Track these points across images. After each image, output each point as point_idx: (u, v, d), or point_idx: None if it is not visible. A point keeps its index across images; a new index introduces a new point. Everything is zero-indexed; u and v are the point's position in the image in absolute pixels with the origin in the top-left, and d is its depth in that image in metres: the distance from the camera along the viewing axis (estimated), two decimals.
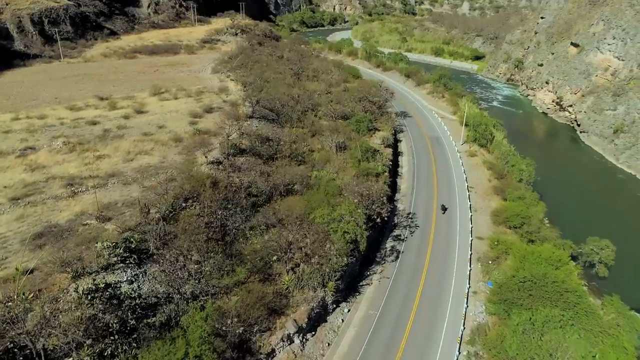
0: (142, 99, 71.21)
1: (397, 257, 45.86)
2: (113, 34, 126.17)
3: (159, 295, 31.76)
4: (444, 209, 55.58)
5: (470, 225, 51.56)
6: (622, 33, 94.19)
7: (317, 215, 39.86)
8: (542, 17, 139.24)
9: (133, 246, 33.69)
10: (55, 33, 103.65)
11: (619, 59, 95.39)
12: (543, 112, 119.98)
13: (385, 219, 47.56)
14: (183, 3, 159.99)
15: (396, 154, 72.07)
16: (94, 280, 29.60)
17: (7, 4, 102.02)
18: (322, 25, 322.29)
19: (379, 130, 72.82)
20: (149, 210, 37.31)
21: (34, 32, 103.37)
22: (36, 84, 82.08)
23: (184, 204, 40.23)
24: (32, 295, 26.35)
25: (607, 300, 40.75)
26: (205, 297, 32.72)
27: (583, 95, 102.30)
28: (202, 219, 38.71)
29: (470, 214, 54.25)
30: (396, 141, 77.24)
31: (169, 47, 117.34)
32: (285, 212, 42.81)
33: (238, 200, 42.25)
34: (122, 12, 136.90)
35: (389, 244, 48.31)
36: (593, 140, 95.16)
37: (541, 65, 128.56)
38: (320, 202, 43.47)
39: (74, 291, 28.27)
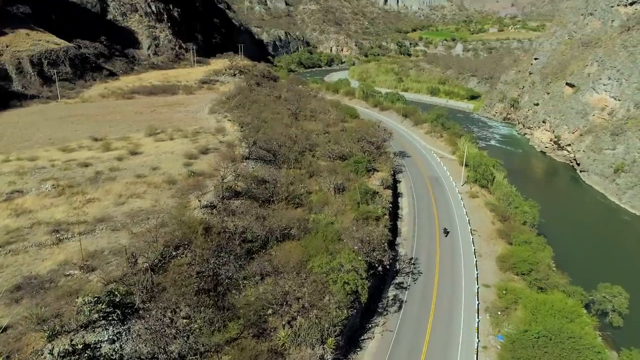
0: (137, 140, 70.07)
1: (400, 307, 43.26)
2: (112, 74, 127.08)
3: (142, 357, 29.09)
4: (446, 232, 55.28)
5: (476, 272, 49.26)
6: (617, 74, 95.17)
7: (316, 265, 37.65)
8: (535, 58, 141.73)
9: (117, 300, 31.25)
10: (54, 74, 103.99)
11: (615, 99, 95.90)
12: (541, 151, 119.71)
13: (387, 266, 45.30)
14: (183, 45, 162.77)
15: (396, 195, 70.50)
16: (72, 340, 27.05)
17: (7, 46, 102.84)
18: (320, 66, 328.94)
19: (378, 171, 71.54)
20: (136, 259, 35.09)
21: (33, 73, 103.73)
22: (31, 124, 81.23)
23: (174, 253, 38.04)
24: (2, 358, 23.88)
25: (625, 354, 38.03)
26: (194, 357, 30.04)
27: (581, 135, 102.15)
28: (193, 268, 36.50)
29: (475, 259, 52.04)
30: (395, 182, 75.87)
31: (167, 87, 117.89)
32: (281, 260, 40.62)
33: (232, 248, 40.12)
34: (122, 53, 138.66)
35: (391, 292, 45.81)
36: (594, 179, 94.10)
37: (537, 104, 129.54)
38: (318, 249, 41.36)
39: (49, 353, 25.75)
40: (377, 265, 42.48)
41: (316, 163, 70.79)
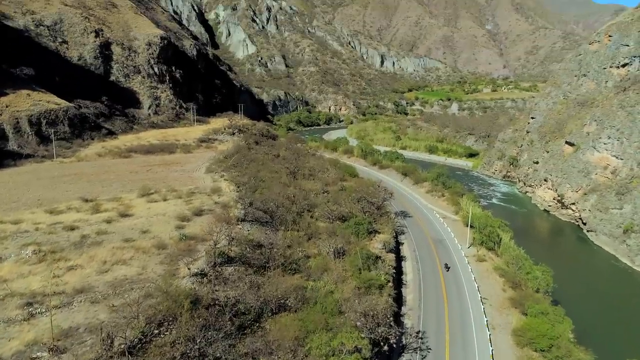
0: (129, 201, 67.52)
1: None
2: (111, 133, 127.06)
3: None
4: (447, 267, 53.41)
5: (491, 348, 44.87)
6: (617, 133, 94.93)
7: (314, 345, 33.70)
8: (532, 117, 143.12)
9: None
10: (52, 133, 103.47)
11: (617, 157, 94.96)
12: (545, 210, 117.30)
13: (393, 344, 41.10)
14: (183, 104, 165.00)
15: (399, 258, 66.97)
16: None
17: (7, 106, 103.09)
18: (318, 125, 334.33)
19: (379, 233, 68.47)
20: (112, 341, 31.26)
21: (30, 133, 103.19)
22: (22, 184, 78.98)
23: (156, 330, 34.18)
24: None
25: None
26: None
27: (585, 194, 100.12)
28: (176, 348, 32.57)
29: (488, 332, 47.73)
30: (398, 244, 72.55)
31: (165, 146, 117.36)
32: (276, 336, 36.67)
33: (222, 324, 36.27)
34: (122, 113, 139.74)
35: None
36: (603, 240, 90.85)
37: (537, 162, 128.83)
38: (317, 324, 37.50)
39: None
40: (382, 343, 38.39)
41: (315, 224, 67.93)
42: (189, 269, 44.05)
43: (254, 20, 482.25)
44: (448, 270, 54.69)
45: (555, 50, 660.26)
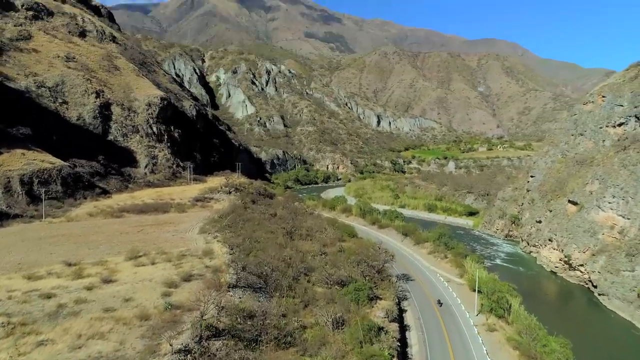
0: (115, 265, 63.61)
1: None
2: (105, 192, 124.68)
3: None
4: (440, 303, 50.64)
5: None
6: (621, 192, 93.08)
7: None
8: (532, 176, 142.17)
9: None
10: (43, 193, 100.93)
11: (623, 217, 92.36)
12: (551, 271, 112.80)
13: None
14: (180, 163, 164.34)
15: (403, 328, 62.09)
16: None
17: (0, 165, 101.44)
18: (316, 183, 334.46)
19: (381, 299, 64.12)
20: None
21: (21, 192, 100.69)
22: (4, 246, 75.11)
23: None
24: None
25: None
26: None
27: (593, 254, 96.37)
28: None
29: None
30: (401, 311, 67.81)
31: (159, 205, 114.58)
32: None
33: None
34: (118, 172, 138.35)
35: None
36: (616, 304, 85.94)
37: (540, 222, 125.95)
38: None
39: None
40: None
41: (312, 290, 63.72)
42: (170, 345, 39.66)
43: (253, 83, 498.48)
44: (441, 305, 50.15)
45: (546, 110, 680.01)
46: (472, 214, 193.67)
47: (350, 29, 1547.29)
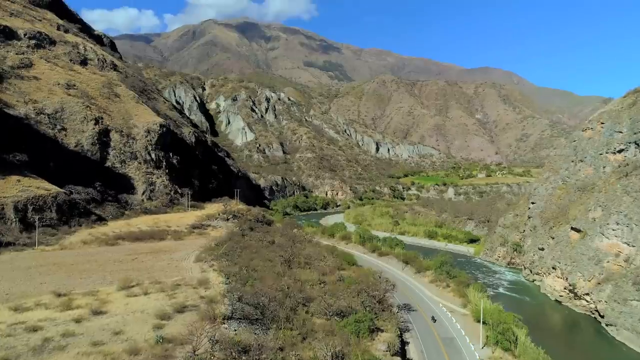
0: (106, 295, 61.36)
1: None
2: (101, 219, 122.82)
3: None
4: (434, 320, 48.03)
5: None
6: (625, 219, 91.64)
7: None
8: (532, 202, 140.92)
9: None
10: (36, 220, 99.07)
11: (628, 244, 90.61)
12: (556, 300, 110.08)
13: None
14: (178, 190, 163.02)
15: None
16: None
17: None
18: (315, 209, 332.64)
19: (382, 331, 61.68)
20: None
21: (15, 220, 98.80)
22: None
23: None
24: None
25: None
26: None
27: (599, 283, 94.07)
28: None
29: None
30: (403, 344, 65.17)
31: (155, 232, 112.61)
32: None
33: None
34: (115, 198, 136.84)
35: None
36: (625, 335, 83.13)
37: (542, 249, 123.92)
38: None
39: None
40: None
41: (310, 321, 61.31)
42: None
43: (253, 110, 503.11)
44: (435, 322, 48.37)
45: (544, 137, 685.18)
46: (473, 241, 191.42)
47: (348, 58, 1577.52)
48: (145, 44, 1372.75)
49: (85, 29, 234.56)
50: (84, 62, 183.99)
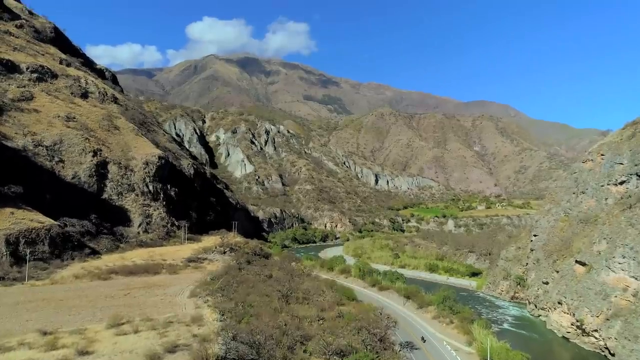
0: (95, 333, 58.49)
1: None
2: (95, 253, 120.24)
3: None
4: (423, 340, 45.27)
5: None
6: (632, 252, 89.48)
7: None
8: (535, 235, 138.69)
9: None
10: (28, 253, 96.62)
11: (636, 279, 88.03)
12: (563, 337, 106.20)
13: None
14: (175, 222, 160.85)
15: None
16: None
17: None
18: (314, 242, 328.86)
19: None
20: None
21: (6, 253, 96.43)
22: None
23: None
24: None
25: None
26: None
27: (607, 319, 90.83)
28: None
29: None
30: None
31: (150, 266, 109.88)
32: None
33: None
34: (110, 231, 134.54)
35: None
36: None
37: (547, 283, 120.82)
38: None
39: None
40: None
41: None
42: None
43: (252, 142, 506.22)
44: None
45: (543, 169, 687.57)
46: (474, 274, 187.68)
47: (347, 91, 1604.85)
48: (147, 78, 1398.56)
49: (88, 63, 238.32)
50: (84, 95, 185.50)
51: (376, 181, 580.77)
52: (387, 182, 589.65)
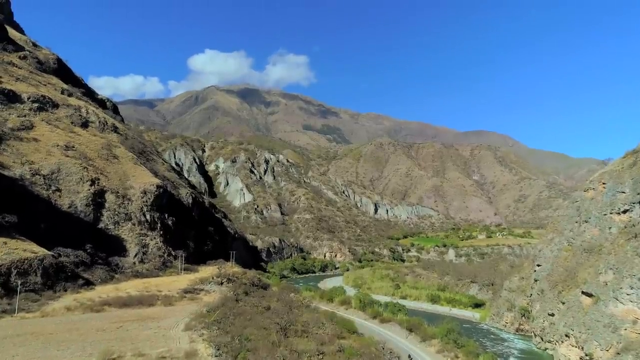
0: None
1: None
2: (88, 284, 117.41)
3: None
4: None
5: None
6: (639, 283, 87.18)
7: None
8: (538, 265, 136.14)
9: None
10: (19, 285, 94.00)
11: None
12: None
13: None
14: (172, 252, 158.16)
15: None
16: None
17: None
18: (314, 272, 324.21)
19: None
20: None
21: None
22: None
23: None
24: None
25: None
26: None
27: (618, 353, 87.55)
28: None
29: None
30: None
31: (144, 298, 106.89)
32: None
33: None
34: (105, 261, 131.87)
35: None
36: None
37: (553, 315, 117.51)
38: None
39: None
40: None
41: None
42: None
43: (252, 172, 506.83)
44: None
45: (542, 198, 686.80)
46: (477, 305, 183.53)
47: (346, 121, 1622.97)
48: (148, 109, 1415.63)
49: (89, 93, 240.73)
50: (84, 125, 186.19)
51: (375, 210, 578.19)
52: (387, 211, 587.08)
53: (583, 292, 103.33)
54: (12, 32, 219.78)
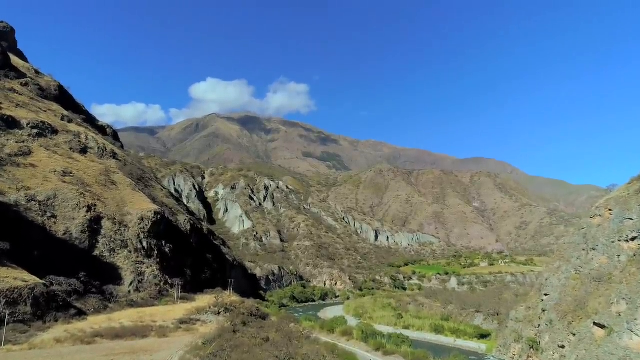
0: None
1: None
2: (81, 313, 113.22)
3: None
4: None
5: None
6: None
7: None
8: (545, 294, 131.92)
9: None
10: (7, 315, 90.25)
11: None
12: None
13: None
14: (169, 280, 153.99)
15: None
16: None
17: None
18: (313, 300, 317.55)
19: None
20: None
21: None
22: None
23: None
24: None
25: None
26: None
27: None
28: None
29: None
30: None
31: (138, 329, 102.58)
32: None
33: None
34: (99, 290, 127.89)
35: None
36: None
37: (563, 347, 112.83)
38: None
39: None
40: None
41: None
42: None
43: (251, 198, 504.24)
44: None
45: (544, 225, 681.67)
46: (483, 336, 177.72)
47: (346, 149, 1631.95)
48: (149, 136, 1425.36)
49: (90, 120, 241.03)
50: (83, 151, 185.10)
51: (376, 237, 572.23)
52: (387, 238, 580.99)
53: (595, 323, 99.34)
54: (15, 60, 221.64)
